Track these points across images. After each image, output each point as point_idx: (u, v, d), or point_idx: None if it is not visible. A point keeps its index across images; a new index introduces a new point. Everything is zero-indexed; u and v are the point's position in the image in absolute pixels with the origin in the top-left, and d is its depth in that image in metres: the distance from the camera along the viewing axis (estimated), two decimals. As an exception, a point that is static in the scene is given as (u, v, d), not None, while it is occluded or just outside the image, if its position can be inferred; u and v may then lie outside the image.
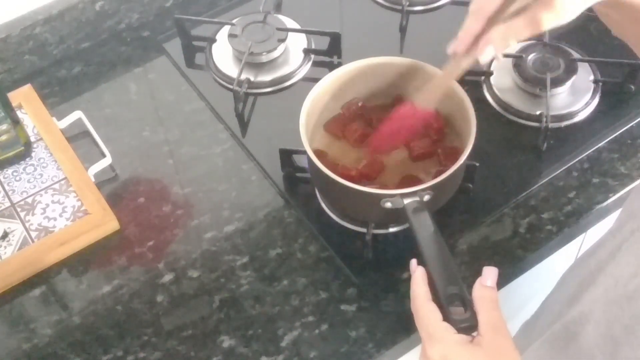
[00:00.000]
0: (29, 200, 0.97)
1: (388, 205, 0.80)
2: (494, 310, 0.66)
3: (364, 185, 0.83)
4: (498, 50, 0.68)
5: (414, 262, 0.72)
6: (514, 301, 1.10)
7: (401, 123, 0.86)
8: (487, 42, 0.68)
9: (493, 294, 0.66)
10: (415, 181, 0.86)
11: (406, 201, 0.79)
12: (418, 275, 0.70)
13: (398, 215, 0.80)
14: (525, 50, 1.06)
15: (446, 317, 0.66)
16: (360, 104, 0.94)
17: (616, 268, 0.68)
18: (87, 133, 1.03)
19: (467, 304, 0.67)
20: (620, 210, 0.80)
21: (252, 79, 1.07)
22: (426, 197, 0.79)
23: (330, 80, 0.91)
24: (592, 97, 1.03)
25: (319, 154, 0.89)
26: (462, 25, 0.70)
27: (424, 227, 0.76)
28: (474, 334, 0.66)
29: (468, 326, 0.66)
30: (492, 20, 0.68)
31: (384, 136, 0.88)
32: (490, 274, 0.68)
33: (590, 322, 0.68)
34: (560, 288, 0.89)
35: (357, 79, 0.92)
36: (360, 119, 0.94)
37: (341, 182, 0.81)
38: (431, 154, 0.90)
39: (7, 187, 0.98)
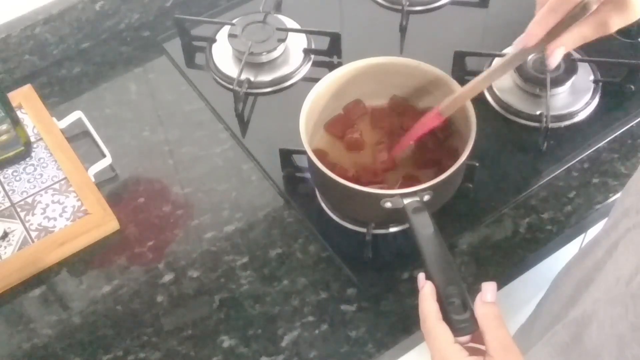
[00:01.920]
0: (29, 200, 0.97)
1: (388, 205, 0.80)
2: (500, 328, 0.64)
3: (364, 185, 0.83)
4: (567, 51, 0.70)
5: (422, 276, 0.70)
6: (514, 301, 1.10)
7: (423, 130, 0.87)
8: (559, 45, 0.70)
9: (495, 310, 0.65)
10: (415, 181, 0.86)
11: (406, 201, 0.79)
12: (427, 292, 0.68)
13: (398, 215, 0.80)
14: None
15: (445, 318, 0.66)
16: (363, 107, 0.94)
17: (615, 266, 0.68)
18: (87, 133, 1.03)
19: (466, 304, 0.67)
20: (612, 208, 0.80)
21: (252, 79, 1.07)
22: (426, 197, 0.79)
23: (331, 80, 0.91)
24: (592, 97, 1.03)
25: (319, 153, 0.89)
26: (534, 20, 0.70)
27: (424, 227, 0.76)
28: (478, 344, 0.66)
29: (467, 326, 0.66)
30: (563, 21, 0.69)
31: (404, 145, 0.89)
32: (489, 288, 0.66)
33: (593, 322, 0.68)
34: (556, 289, 0.89)
35: (357, 79, 0.92)
36: (362, 122, 0.94)
37: (341, 182, 0.81)
38: (438, 161, 0.89)
39: (7, 187, 0.98)
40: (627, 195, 0.75)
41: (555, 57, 0.70)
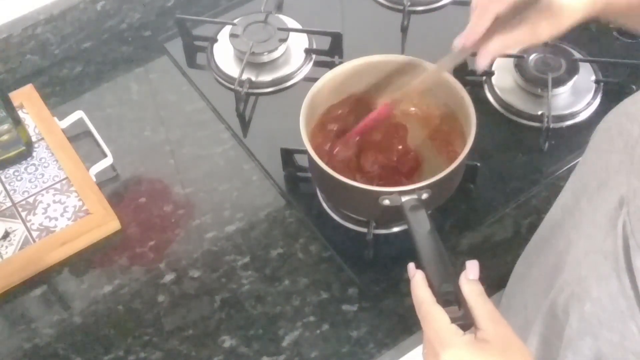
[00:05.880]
0: (30, 200, 0.97)
1: (386, 202, 0.80)
2: (486, 302, 0.66)
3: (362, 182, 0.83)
4: (495, 57, 0.77)
5: (411, 265, 0.71)
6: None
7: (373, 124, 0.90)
8: (487, 54, 0.75)
9: (479, 286, 0.68)
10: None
11: (404, 199, 0.79)
12: (419, 279, 0.70)
13: (396, 212, 0.80)
14: (527, 50, 1.06)
15: None
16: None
17: (591, 242, 0.68)
18: (88, 133, 1.03)
19: (461, 302, 0.67)
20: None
21: (253, 78, 1.07)
22: (424, 196, 0.79)
23: (330, 78, 0.91)
24: (594, 97, 1.03)
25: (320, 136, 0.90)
26: (470, 23, 0.75)
27: (421, 225, 0.76)
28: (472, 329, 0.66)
29: (463, 324, 0.66)
30: (497, 21, 0.73)
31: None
32: (473, 267, 0.69)
33: (585, 301, 0.68)
34: (521, 281, 0.87)
35: (356, 77, 0.92)
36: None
37: (340, 179, 0.81)
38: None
39: (8, 187, 0.98)
40: (581, 172, 0.76)
41: (483, 59, 0.76)
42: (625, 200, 0.62)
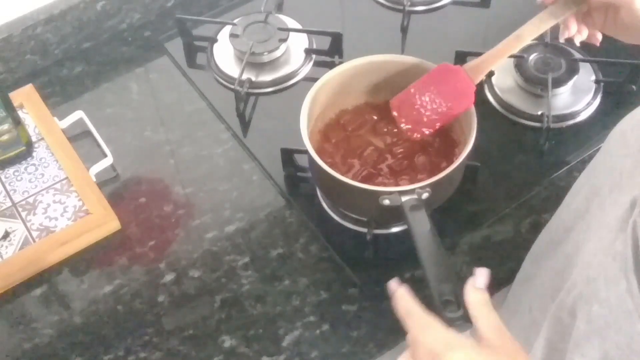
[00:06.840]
0: (30, 200, 0.97)
1: (386, 202, 0.80)
2: (491, 312, 0.64)
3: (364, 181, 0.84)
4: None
5: (392, 283, 0.68)
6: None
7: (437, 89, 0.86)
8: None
9: (486, 296, 0.65)
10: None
11: (404, 199, 0.79)
12: (403, 292, 0.67)
13: (396, 212, 0.80)
14: (527, 50, 1.06)
15: (440, 315, 0.66)
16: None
17: (600, 245, 0.67)
18: (88, 133, 1.03)
19: (460, 301, 0.67)
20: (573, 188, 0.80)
21: (253, 78, 1.07)
22: (424, 195, 0.80)
23: (330, 78, 0.91)
24: (594, 97, 1.03)
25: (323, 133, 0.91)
26: None
27: (421, 225, 0.76)
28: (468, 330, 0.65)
29: (461, 324, 0.65)
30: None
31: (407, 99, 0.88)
32: (482, 275, 0.66)
33: (593, 302, 0.67)
34: (527, 282, 0.86)
35: (357, 77, 0.92)
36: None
37: (340, 178, 0.81)
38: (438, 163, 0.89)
39: (8, 187, 0.98)
40: (594, 176, 0.75)
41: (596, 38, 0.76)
42: (638, 201, 0.62)
